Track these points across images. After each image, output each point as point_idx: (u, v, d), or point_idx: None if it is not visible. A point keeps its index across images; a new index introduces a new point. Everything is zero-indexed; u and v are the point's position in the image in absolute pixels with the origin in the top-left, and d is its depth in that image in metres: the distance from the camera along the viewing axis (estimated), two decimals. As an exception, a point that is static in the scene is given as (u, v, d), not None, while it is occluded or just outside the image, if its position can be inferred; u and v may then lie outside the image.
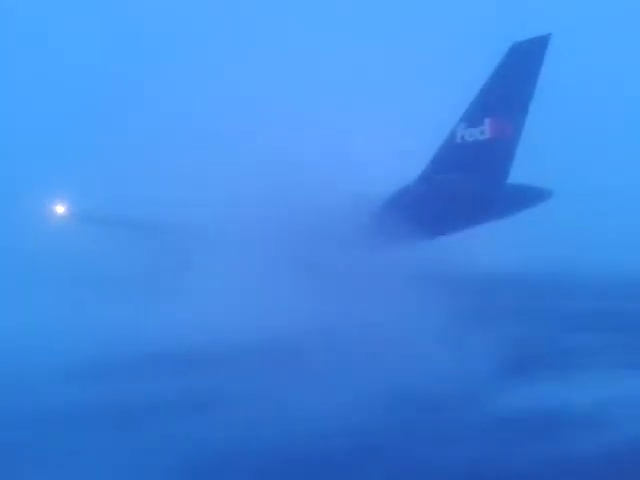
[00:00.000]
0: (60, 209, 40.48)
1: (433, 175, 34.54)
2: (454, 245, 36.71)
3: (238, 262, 35.95)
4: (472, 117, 33.58)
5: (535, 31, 36.49)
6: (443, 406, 21.17)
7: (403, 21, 53.20)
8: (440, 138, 35.99)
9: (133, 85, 53.77)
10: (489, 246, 37.11)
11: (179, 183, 39.96)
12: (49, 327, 29.63)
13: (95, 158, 46.30)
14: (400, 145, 36.19)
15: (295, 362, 25.35)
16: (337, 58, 51.45)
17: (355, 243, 35.01)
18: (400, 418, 20.23)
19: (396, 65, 46.42)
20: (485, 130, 33.05)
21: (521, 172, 34.96)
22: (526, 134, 34.53)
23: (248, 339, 27.85)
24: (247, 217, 36.63)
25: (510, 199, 33.59)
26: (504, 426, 19.10)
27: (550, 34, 32.85)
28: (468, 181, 33.28)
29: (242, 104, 47.21)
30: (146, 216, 39.95)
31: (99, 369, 26.27)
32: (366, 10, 58.30)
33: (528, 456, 16.92)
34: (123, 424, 20.67)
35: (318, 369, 24.28)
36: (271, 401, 21.67)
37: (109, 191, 41.37)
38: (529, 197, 33.81)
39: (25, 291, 34.00)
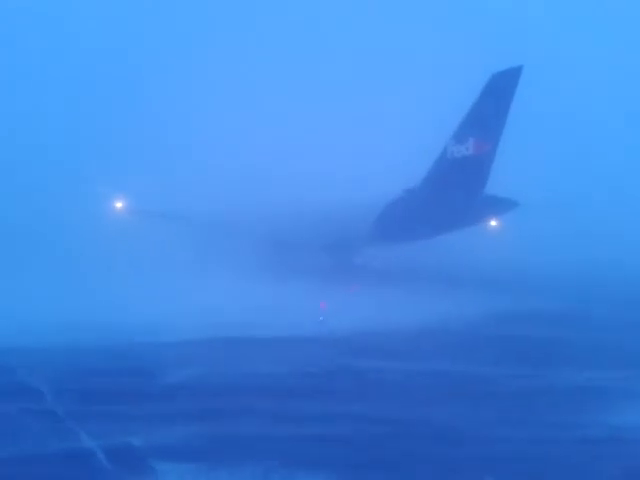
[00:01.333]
0: (119, 204, 43.91)
1: (426, 188, 39.14)
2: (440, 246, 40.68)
3: (264, 259, 40.81)
4: (460, 136, 38.43)
5: (517, 58, 39.62)
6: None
7: (407, 45, 55.39)
8: (436, 149, 39.94)
9: (178, 88, 57.20)
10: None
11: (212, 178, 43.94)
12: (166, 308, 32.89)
13: (147, 157, 49.39)
14: (401, 157, 41.10)
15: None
16: (341, 75, 55.59)
17: (362, 244, 41.16)
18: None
19: (399, 86, 49.71)
20: (469, 147, 38.05)
21: (496, 184, 39.10)
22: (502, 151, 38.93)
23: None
24: (268, 218, 41.54)
25: (485, 207, 38.42)
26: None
27: (522, 66, 37.23)
28: (453, 193, 37.87)
29: (257, 116, 51.44)
30: (193, 210, 42.57)
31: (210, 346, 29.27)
32: (368, 30, 60.16)
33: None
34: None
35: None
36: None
37: (160, 187, 44.22)
38: (500, 206, 38.66)
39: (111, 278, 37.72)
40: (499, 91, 37.82)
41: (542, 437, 19.04)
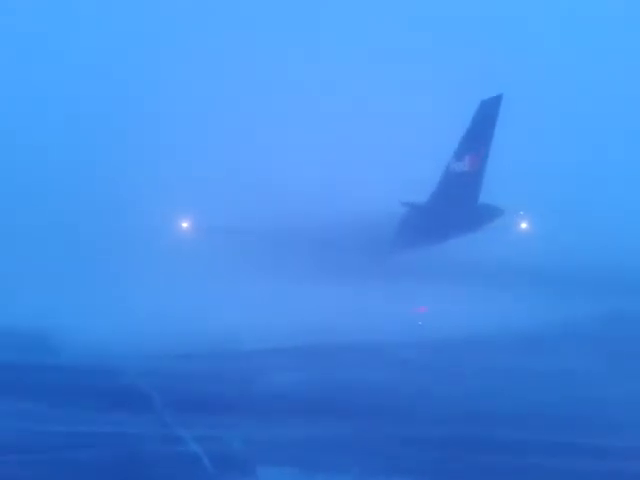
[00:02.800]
0: (185, 223, 47.21)
1: (435, 199, 45.29)
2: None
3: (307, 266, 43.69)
4: (459, 153, 44.57)
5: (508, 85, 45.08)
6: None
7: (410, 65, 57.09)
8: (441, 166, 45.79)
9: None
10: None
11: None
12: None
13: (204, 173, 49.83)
14: (415, 169, 45.63)
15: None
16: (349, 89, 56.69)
17: (383, 249, 46.29)
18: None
19: (405, 110, 51.83)
20: (466, 164, 44.18)
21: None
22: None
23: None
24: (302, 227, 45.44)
25: (480, 216, 44.45)
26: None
27: (502, 94, 43.41)
28: (456, 203, 44.05)
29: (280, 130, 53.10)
30: (247, 223, 45.65)
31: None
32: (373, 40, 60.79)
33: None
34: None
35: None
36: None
37: (221, 202, 46.50)
38: (491, 214, 44.60)
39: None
40: (485, 116, 43.92)
41: None
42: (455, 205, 44.56)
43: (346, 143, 52.40)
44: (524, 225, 46.96)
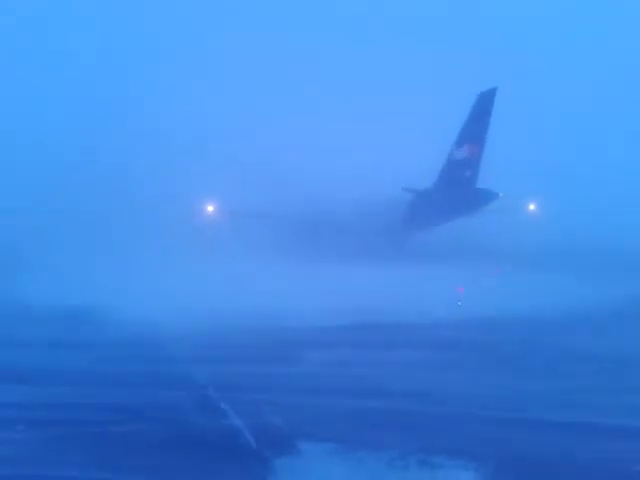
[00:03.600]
0: (210, 207, 49.83)
1: (438, 184, 49.14)
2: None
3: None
4: (459, 142, 48.19)
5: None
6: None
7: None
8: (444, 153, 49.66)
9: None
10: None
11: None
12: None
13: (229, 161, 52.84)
14: (419, 158, 49.70)
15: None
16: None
17: (394, 229, 49.99)
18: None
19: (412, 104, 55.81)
20: (465, 151, 47.75)
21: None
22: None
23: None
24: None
25: (477, 199, 47.97)
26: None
27: (496, 87, 47.39)
28: (455, 189, 47.92)
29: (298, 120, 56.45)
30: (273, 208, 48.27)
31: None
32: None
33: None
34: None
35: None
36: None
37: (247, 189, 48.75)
38: (487, 197, 47.95)
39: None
40: (481, 107, 47.69)
41: None
42: (456, 189, 48.25)
43: (357, 135, 56.42)
44: (532, 207, 50.82)
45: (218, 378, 23.19)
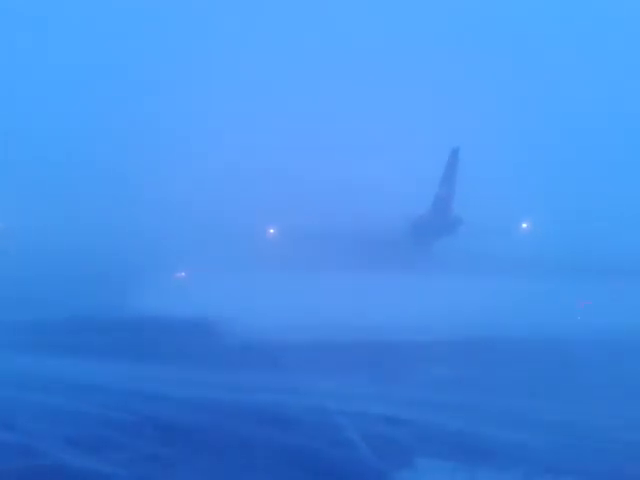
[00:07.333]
0: (272, 229, 60.00)
1: (430, 212, 66.73)
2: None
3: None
4: (440, 184, 67.00)
5: None
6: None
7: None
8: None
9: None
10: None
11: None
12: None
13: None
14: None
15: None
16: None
17: (402, 246, 64.46)
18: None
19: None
20: (444, 191, 66.84)
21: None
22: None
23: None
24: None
25: (453, 223, 66.78)
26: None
27: (459, 146, 65.54)
28: (439, 217, 66.29)
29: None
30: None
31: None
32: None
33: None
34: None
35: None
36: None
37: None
38: (457, 222, 66.30)
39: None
40: (450, 161, 66.62)
41: None
42: (439, 216, 67.58)
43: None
44: (524, 225, 65.02)
45: (325, 379, 25.38)
